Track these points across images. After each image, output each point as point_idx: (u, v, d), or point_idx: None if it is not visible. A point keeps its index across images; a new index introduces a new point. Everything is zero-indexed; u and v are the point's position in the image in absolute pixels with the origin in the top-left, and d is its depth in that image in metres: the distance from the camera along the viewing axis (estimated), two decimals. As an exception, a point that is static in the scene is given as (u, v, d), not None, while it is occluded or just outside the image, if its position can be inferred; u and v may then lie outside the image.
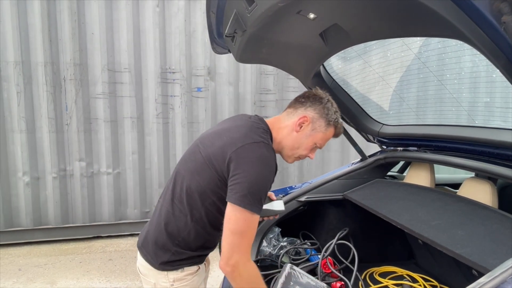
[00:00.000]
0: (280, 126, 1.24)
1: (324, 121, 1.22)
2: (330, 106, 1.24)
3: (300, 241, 2.03)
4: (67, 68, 3.69)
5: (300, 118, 1.21)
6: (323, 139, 1.25)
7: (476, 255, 1.10)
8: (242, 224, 1.05)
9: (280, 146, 1.24)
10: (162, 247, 1.20)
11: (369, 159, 2.05)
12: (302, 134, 1.22)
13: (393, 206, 1.65)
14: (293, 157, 1.27)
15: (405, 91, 1.82)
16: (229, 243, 1.05)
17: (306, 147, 1.24)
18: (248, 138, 1.10)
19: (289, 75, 1.87)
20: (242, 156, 1.07)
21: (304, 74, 1.78)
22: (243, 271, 1.06)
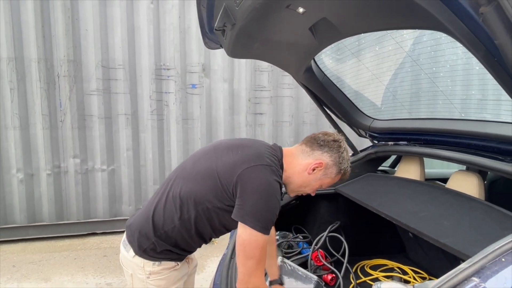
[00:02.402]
0: (292, 161, 1.25)
1: (336, 169, 1.25)
2: (345, 155, 1.26)
3: (292, 235, 2.06)
4: (61, 64, 3.68)
5: (316, 163, 1.22)
6: (329, 184, 1.29)
7: (460, 244, 1.13)
8: (257, 249, 1.08)
9: (288, 180, 1.26)
10: (145, 235, 1.22)
11: (361, 153, 2.07)
12: (312, 177, 1.24)
13: (383, 199, 1.68)
14: (296, 192, 1.32)
15: (396, 86, 1.85)
16: (246, 268, 1.09)
17: (312, 188, 1.28)
18: (260, 160, 1.13)
19: (284, 72, 1.89)
20: (252, 177, 1.09)
21: (296, 69, 1.79)
22: None
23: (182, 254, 1.29)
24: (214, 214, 1.18)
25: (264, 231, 1.08)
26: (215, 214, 1.18)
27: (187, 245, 1.27)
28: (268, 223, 1.09)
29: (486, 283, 0.81)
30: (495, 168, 1.28)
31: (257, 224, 1.06)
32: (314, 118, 4.50)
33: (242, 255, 1.09)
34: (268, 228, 1.09)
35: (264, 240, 1.09)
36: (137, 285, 1.27)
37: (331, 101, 1.96)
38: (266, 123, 4.40)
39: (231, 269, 1.66)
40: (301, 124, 4.50)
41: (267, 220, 1.09)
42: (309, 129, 4.52)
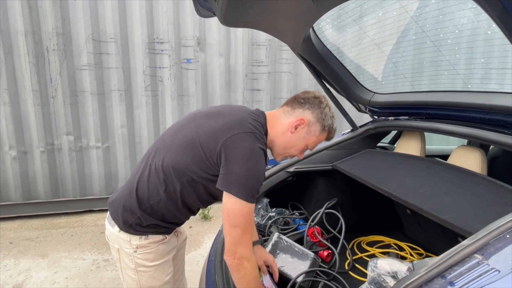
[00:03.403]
0: (275, 123, 1.23)
1: (320, 126, 1.22)
2: (327, 111, 1.23)
3: (288, 212, 2.03)
4: (50, 37, 3.53)
5: (297, 120, 1.20)
6: (315, 143, 1.25)
7: (460, 220, 1.09)
8: (242, 218, 1.05)
9: (272, 143, 1.24)
10: (129, 210, 1.19)
11: (360, 129, 2.01)
12: (296, 136, 1.21)
13: (381, 175, 1.63)
14: (282, 155, 1.28)
15: (398, 57, 1.75)
16: (232, 237, 1.06)
17: (297, 148, 1.24)
18: (243, 128, 1.09)
19: (282, 45, 1.80)
20: (236, 146, 1.06)
21: (293, 39, 1.69)
22: (247, 264, 1.08)
23: (170, 227, 1.26)
24: (200, 185, 1.15)
25: (249, 199, 1.05)
26: (200, 185, 1.15)
27: (174, 218, 1.24)
28: (253, 191, 1.06)
29: (489, 260, 0.77)
30: (500, 142, 1.22)
31: (241, 193, 1.04)
32: (313, 95, 4.39)
33: (227, 224, 1.06)
34: (253, 196, 1.06)
35: (249, 209, 1.06)
36: (124, 259, 1.24)
37: (330, 74, 1.87)
38: (264, 100, 4.31)
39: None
40: (299, 101, 4.40)
41: (252, 188, 1.06)
42: (308, 106, 4.42)
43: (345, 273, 1.65)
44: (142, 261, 1.22)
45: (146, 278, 1.24)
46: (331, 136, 1.27)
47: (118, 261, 1.27)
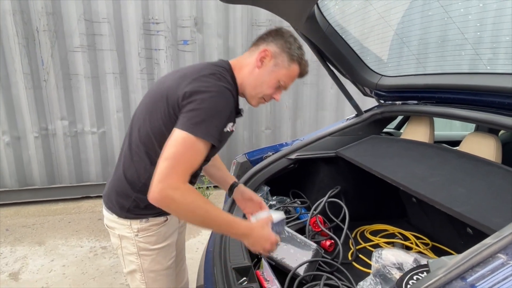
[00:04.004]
0: (241, 65, 1.16)
1: (287, 56, 1.12)
2: (292, 41, 1.14)
3: (290, 200, 1.96)
4: (39, 17, 3.36)
5: (261, 52, 1.11)
6: (287, 76, 1.14)
7: (477, 213, 1.01)
8: (182, 149, 0.94)
9: (242, 86, 1.16)
10: (123, 194, 1.14)
11: (365, 114, 1.91)
12: (264, 71, 1.13)
13: (388, 162, 1.55)
14: (256, 97, 1.17)
15: (409, 36, 1.63)
16: (160, 170, 0.92)
17: (269, 85, 1.14)
18: (206, 71, 1.04)
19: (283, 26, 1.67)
20: (197, 85, 1.00)
21: (296, 17, 1.57)
22: (175, 192, 0.93)
23: None
24: None
25: (199, 134, 0.94)
26: None
27: None
28: (207, 127, 0.96)
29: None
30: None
31: (192, 127, 0.94)
32: (315, 79, 4.27)
33: (161, 156, 0.95)
34: (208, 134, 0.96)
35: (194, 143, 0.95)
36: (126, 244, 1.19)
37: (335, 55, 1.75)
38: (264, 83, 4.18)
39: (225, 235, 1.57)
40: (300, 85, 4.28)
41: (207, 123, 0.96)
42: (310, 90, 4.31)
43: (348, 264, 1.60)
44: (144, 244, 1.18)
45: (148, 262, 1.20)
46: (303, 69, 1.18)
47: (119, 247, 1.22)
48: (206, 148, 0.99)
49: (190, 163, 0.97)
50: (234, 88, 1.10)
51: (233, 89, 1.08)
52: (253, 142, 4.33)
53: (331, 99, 4.40)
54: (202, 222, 1.02)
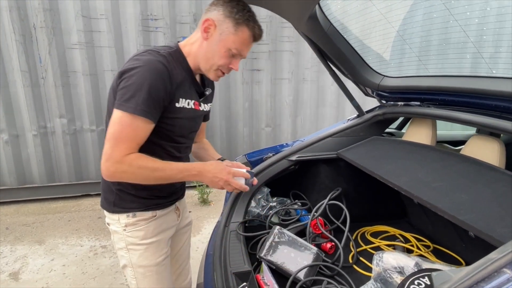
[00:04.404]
0: (190, 42, 1.15)
1: (232, 21, 1.07)
2: (235, 4, 1.09)
3: (290, 201, 1.95)
4: (36, 14, 3.32)
5: (203, 22, 1.08)
6: (237, 42, 1.10)
7: (481, 222, 0.99)
8: (120, 128, 0.98)
9: (196, 62, 1.14)
10: (107, 189, 1.18)
11: (367, 115, 1.89)
12: (211, 41, 1.10)
13: (391, 166, 1.53)
14: (211, 70, 1.14)
15: (411, 36, 1.60)
16: (103, 151, 0.99)
17: (220, 55, 1.10)
18: (143, 50, 1.05)
19: (284, 23, 1.66)
20: (128, 64, 1.02)
21: (298, 17, 1.54)
22: (122, 166, 0.99)
23: (153, 198, 1.21)
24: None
25: (135, 111, 0.96)
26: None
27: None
28: (141, 103, 0.97)
29: (522, 277, 0.67)
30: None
31: (125, 104, 0.97)
32: (316, 75, 4.23)
33: (105, 139, 1.00)
34: (142, 109, 0.97)
35: (131, 120, 0.97)
36: (116, 239, 1.23)
37: (336, 55, 1.72)
38: (264, 81, 4.14)
39: (225, 238, 1.56)
40: (301, 82, 4.25)
41: (140, 98, 0.97)
42: (310, 87, 4.27)
43: (349, 267, 1.59)
44: (132, 239, 1.19)
45: (137, 256, 1.22)
46: (254, 31, 1.12)
47: (113, 242, 1.26)
48: (144, 123, 0.99)
49: (129, 140, 0.99)
50: (177, 63, 1.09)
51: (173, 64, 1.06)
52: (253, 139, 4.31)
53: (332, 96, 4.36)
54: (160, 179, 1.06)
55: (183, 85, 1.11)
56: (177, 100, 1.08)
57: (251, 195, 1.81)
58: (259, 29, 1.13)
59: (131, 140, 0.99)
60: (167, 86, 1.03)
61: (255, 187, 1.32)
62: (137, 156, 1.01)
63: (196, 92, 1.20)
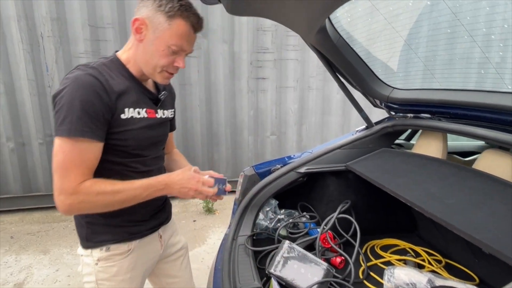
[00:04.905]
0: (127, 48, 1.07)
1: (163, 15, 0.98)
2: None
3: (298, 214, 1.92)
4: (44, 23, 3.34)
5: (133, 24, 0.99)
6: (174, 37, 0.99)
7: (500, 242, 0.96)
8: (62, 155, 0.90)
9: (137, 67, 1.06)
10: (77, 223, 1.10)
11: (376, 126, 1.87)
12: (146, 42, 1.00)
13: (401, 179, 1.51)
14: (155, 73, 1.05)
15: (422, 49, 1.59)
16: (55, 183, 0.91)
17: (159, 54, 1.01)
18: (71, 70, 0.99)
19: (289, 31, 1.65)
20: (58, 87, 0.95)
21: (307, 29, 1.53)
22: (80, 198, 0.91)
23: (128, 225, 1.11)
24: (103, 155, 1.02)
25: (71, 134, 0.89)
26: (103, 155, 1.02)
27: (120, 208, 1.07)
28: (70, 124, 0.89)
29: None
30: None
31: (61, 129, 0.90)
32: (321, 84, 4.23)
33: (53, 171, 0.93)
34: (78, 129, 0.90)
35: (72, 145, 0.90)
36: (85, 270, 1.12)
37: (345, 67, 1.71)
38: (269, 89, 4.14)
39: (233, 252, 1.54)
40: (306, 90, 4.24)
41: (68, 119, 0.89)
42: (315, 95, 4.26)
43: (360, 283, 1.56)
44: (103, 274, 1.10)
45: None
46: (192, 21, 1.01)
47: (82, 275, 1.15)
48: (87, 143, 0.92)
49: (77, 166, 0.91)
50: (116, 73, 1.02)
51: (108, 74, 0.99)
52: (258, 147, 4.30)
53: (337, 104, 4.35)
54: (124, 201, 0.99)
55: (128, 94, 1.02)
56: (121, 112, 0.99)
57: (259, 207, 1.79)
58: (197, 17, 1.02)
59: (78, 166, 0.91)
60: (103, 98, 0.94)
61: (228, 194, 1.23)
62: (92, 182, 0.94)
63: (149, 100, 1.11)
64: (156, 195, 1.04)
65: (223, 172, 4.21)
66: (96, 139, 0.93)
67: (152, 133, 1.10)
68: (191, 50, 1.08)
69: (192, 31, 1.02)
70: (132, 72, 1.06)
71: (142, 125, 1.05)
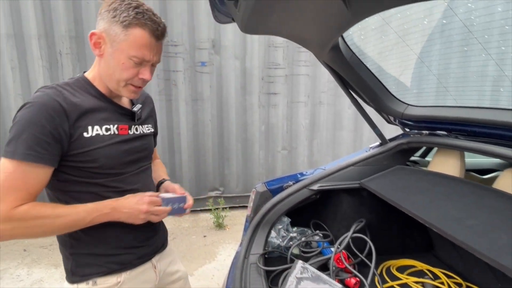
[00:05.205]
0: (93, 66, 1.04)
1: (118, 26, 0.92)
2: (117, 5, 0.93)
3: (311, 232, 1.89)
4: (63, 41, 3.47)
5: (90, 39, 0.95)
6: (133, 47, 0.94)
7: (527, 269, 0.92)
8: (2, 177, 0.85)
9: (103, 84, 1.02)
10: (63, 254, 1.05)
11: (390, 143, 1.84)
12: (106, 56, 0.96)
13: (418, 198, 1.47)
14: (120, 87, 1.00)
15: (435, 64, 1.57)
16: None
17: (121, 68, 0.96)
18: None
19: (300, 47, 1.66)
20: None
21: (320, 47, 1.54)
22: (13, 225, 0.85)
23: (116, 253, 1.05)
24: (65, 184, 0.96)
25: (11, 155, 0.85)
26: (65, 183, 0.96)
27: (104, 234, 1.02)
28: (15, 146, 0.85)
29: None
30: None
31: (5, 150, 0.86)
32: (332, 99, 4.22)
33: None
34: (24, 153, 0.85)
35: (15, 167, 0.85)
36: None
37: (358, 83, 1.71)
38: (280, 104, 4.16)
39: (245, 271, 1.51)
40: (317, 105, 4.24)
41: (14, 140, 0.86)
42: (327, 110, 4.26)
43: (376, 307, 1.50)
44: None
45: None
46: (150, 27, 0.94)
47: None
48: (32, 168, 0.86)
49: (16, 190, 0.85)
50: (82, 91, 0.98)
51: (71, 93, 0.95)
52: (269, 162, 4.28)
53: (349, 119, 4.33)
54: (65, 227, 0.91)
55: (94, 112, 0.97)
56: (83, 130, 0.94)
57: (271, 224, 1.77)
58: (155, 23, 0.95)
59: (18, 190, 0.85)
60: (55, 120, 0.89)
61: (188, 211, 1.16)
62: (30, 206, 0.87)
63: (122, 116, 1.06)
64: (102, 220, 0.96)
65: (233, 186, 4.19)
66: (42, 163, 0.87)
67: (125, 147, 1.04)
68: (157, 60, 1.01)
69: (153, 39, 0.96)
70: (100, 89, 1.02)
71: (111, 142, 0.99)
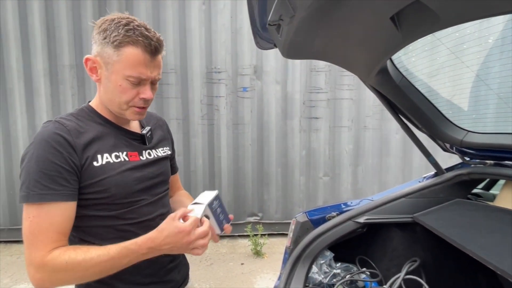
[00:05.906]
0: (96, 94, 1.02)
1: (109, 47, 0.89)
2: (106, 26, 0.90)
3: (357, 269, 1.72)
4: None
5: (85, 65, 0.95)
6: (128, 67, 0.89)
7: None
8: (27, 222, 0.83)
9: (108, 110, 1.00)
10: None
11: (447, 173, 1.66)
12: (104, 81, 0.93)
13: (485, 239, 1.27)
14: (121, 110, 0.96)
15: (498, 86, 1.41)
16: (24, 254, 0.85)
17: (119, 90, 0.92)
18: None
19: (344, 71, 1.60)
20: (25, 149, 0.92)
21: (366, 70, 1.46)
22: (49, 272, 0.81)
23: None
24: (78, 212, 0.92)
25: (34, 198, 0.83)
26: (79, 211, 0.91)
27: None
28: (27, 189, 0.83)
29: None
30: None
31: (23, 194, 0.84)
32: (378, 123, 4.03)
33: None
34: (38, 194, 0.83)
35: (37, 210, 0.83)
36: None
37: (409, 108, 1.58)
38: (322, 128, 4.05)
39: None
40: (362, 130, 4.06)
41: (27, 183, 0.84)
42: (372, 135, 4.06)
43: None
44: None
45: None
46: (142, 43, 0.89)
47: None
48: (53, 207, 0.84)
49: (43, 232, 0.83)
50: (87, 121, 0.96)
51: (76, 123, 0.93)
52: (310, 188, 4.13)
53: (397, 145, 4.07)
54: (100, 272, 0.84)
55: (102, 140, 0.94)
56: (93, 159, 0.90)
57: (312, 258, 1.64)
58: (148, 38, 0.90)
59: (45, 231, 0.83)
60: (63, 153, 0.86)
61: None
62: (61, 251, 0.83)
63: (132, 141, 1.02)
64: (137, 261, 0.88)
65: (273, 212, 4.09)
66: (61, 200, 0.85)
67: (137, 174, 0.98)
68: (156, 76, 0.95)
69: (147, 55, 0.90)
70: (105, 116, 0.99)
71: (122, 169, 0.94)
